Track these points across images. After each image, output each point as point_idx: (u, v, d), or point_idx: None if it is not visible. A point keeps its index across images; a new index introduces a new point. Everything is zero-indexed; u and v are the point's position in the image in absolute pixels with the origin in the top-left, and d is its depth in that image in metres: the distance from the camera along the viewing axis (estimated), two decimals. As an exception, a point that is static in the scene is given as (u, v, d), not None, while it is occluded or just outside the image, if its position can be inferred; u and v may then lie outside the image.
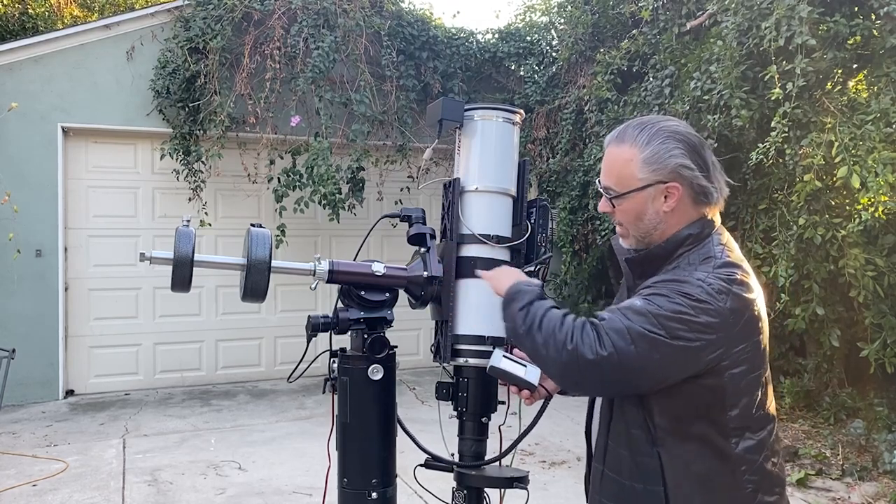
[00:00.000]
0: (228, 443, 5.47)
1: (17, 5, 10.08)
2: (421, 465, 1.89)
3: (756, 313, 1.51)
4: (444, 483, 1.91)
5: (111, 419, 6.14)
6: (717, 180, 1.61)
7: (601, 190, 1.65)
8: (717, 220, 1.64)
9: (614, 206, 1.62)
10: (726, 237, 1.62)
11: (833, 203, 5.02)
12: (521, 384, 1.69)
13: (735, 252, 1.59)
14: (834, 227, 4.72)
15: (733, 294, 1.47)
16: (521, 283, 1.64)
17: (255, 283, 1.69)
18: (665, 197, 1.57)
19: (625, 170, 1.58)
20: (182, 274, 1.66)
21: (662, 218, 1.58)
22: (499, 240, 1.82)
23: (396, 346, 1.83)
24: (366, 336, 1.79)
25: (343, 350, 1.86)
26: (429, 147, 2.05)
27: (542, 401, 1.80)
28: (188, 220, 1.72)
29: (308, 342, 1.81)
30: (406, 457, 1.98)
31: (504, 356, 1.69)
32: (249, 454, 5.18)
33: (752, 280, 1.54)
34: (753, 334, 1.51)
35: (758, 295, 1.54)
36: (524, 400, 1.77)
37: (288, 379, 1.99)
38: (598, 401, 1.73)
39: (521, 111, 1.95)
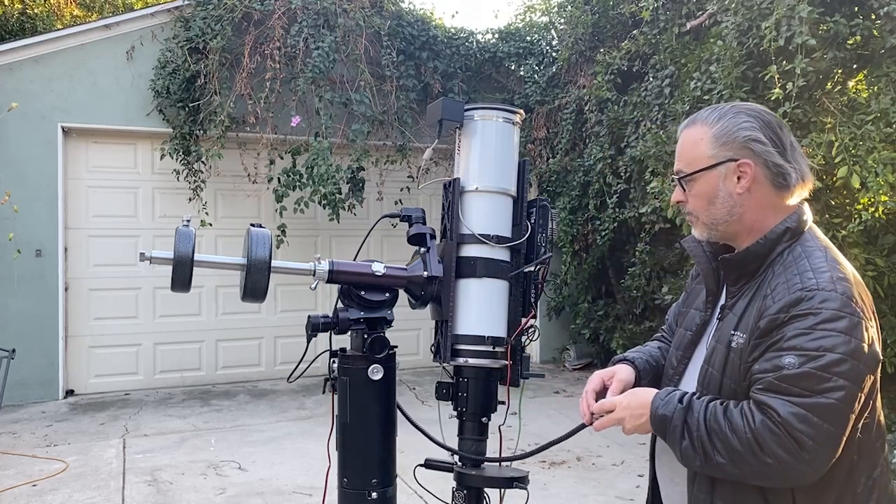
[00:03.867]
0: (228, 443, 5.47)
1: (17, 5, 10.08)
2: (421, 465, 1.89)
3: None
4: (444, 483, 1.91)
5: (111, 419, 6.14)
6: (795, 161, 1.48)
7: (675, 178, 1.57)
8: (809, 212, 1.52)
9: (685, 191, 1.53)
10: (821, 233, 1.51)
11: (833, 203, 5.02)
12: None
13: (837, 253, 1.48)
14: (834, 227, 4.71)
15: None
16: (657, 403, 1.46)
17: (255, 283, 1.69)
18: (738, 178, 1.46)
19: (695, 150, 1.51)
20: (182, 274, 1.66)
21: (737, 201, 1.47)
22: (499, 240, 1.82)
23: (396, 346, 1.82)
24: (366, 336, 1.78)
25: (343, 350, 1.86)
26: (429, 147, 2.05)
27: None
28: (188, 220, 1.71)
29: (308, 342, 1.81)
30: (406, 457, 1.98)
31: None
32: (249, 454, 5.18)
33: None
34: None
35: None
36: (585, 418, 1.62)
37: (288, 379, 1.99)
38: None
39: (521, 111, 1.94)
